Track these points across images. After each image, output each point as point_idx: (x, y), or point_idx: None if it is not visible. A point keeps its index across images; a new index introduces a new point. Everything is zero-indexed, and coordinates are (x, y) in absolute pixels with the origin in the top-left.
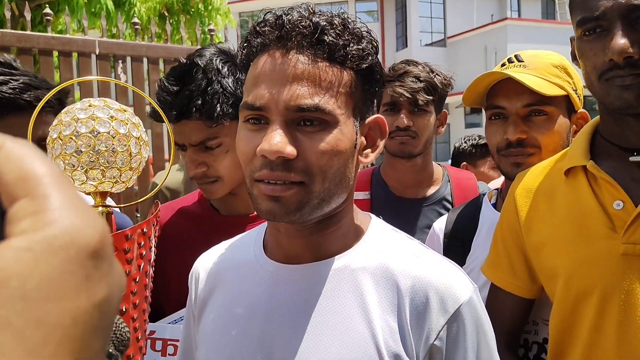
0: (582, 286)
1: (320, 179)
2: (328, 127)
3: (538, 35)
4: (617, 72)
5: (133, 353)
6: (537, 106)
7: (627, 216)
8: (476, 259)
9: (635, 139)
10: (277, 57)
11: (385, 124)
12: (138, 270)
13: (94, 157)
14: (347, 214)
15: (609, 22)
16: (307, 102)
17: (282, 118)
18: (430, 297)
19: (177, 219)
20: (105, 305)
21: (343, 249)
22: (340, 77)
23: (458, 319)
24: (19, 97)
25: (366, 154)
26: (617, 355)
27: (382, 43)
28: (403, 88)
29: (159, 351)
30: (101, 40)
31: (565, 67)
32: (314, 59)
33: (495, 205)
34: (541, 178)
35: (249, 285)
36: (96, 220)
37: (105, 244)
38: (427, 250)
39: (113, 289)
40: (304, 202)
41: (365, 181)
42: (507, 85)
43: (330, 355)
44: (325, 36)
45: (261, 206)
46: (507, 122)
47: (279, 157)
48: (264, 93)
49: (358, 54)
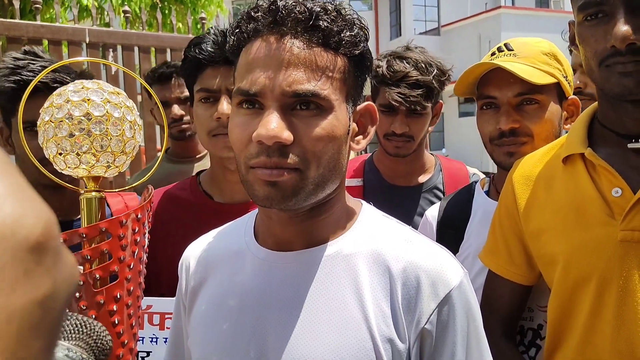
0: (581, 272)
1: (316, 165)
2: (324, 112)
3: (532, 24)
4: (619, 58)
5: (127, 340)
6: (528, 95)
7: (625, 203)
8: (470, 246)
9: (633, 126)
10: (272, 43)
11: (376, 111)
12: (132, 256)
13: (87, 141)
14: (339, 201)
15: (612, 7)
16: (303, 87)
17: (278, 103)
18: (421, 281)
19: (169, 205)
20: (49, 302)
21: (335, 235)
22: (334, 63)
23: (449, 303)
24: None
25: (357, 140)
26: (614, 340)
27: (376, 31)
28: (402, 97)
29: (156, 325)
30: (91, 28)
31: (555, 54)
32: (309, 44)
33: (488, 192)
34: (539, 165)
35: (241, 273)
36: (41, 210)
37: (50, 237)
38: (418, 235)
39: (59, 284)
40: (299, 187)
41: (359, 168)
42: (498, 75)
43: (324, 341)
44: (320, 22)
45: (258, 192)
46: (500, 112)
47: (276, 143)
48: (259, 78)
49: (351, 40)
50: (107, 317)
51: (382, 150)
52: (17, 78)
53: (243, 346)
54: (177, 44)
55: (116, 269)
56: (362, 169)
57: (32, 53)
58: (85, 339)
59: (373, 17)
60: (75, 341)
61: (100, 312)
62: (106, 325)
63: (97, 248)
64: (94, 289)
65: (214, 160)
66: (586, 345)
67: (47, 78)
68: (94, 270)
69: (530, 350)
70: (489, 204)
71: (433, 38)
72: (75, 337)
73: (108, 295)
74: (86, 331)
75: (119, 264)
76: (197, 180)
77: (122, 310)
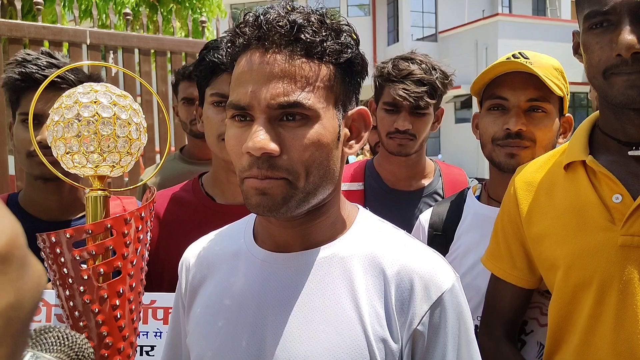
0: (581, 277)
1: (305, 174)
2: (309, 121)
3: (529, 31)
4: (624, 68)
5: (128, 334)
6: (539, 102)
7: (625, 209)
8: (459, 247)
9: (635, 133)
10: (257, 57)
11: (369, 115)
12: (135, 253)
13: (95, 140)
14: (334, 205)
15: (618, 16)
16: (286, 99)
17: (265, 115)
18: (414, 284)
19: (171, 206)
20: (12, 311)
21: (332, 238)
22: (318, 72)
23: (440, 306)
24: (38, 73)
25: (350, 145)
26: (614, 342)
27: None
28: (406, 92)
29: (160, 319)
30: (92, 30)
31: (562, 72)
32: (292, 56)
33: (479, 198)
34: (541, 172)
35: (240, 274)
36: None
37: (13, 247)
38: (413, 240)
39: (24, 293)
40: (289, 196)
41: (360, 173)
42: (513, 78)
43: (320, 339)
44: (302, 34)
45: (250, 200)
46: (509, 114)
47: (264, 154)
48: (247, 92)
49: (337, 48)
50: (110, 311)
51: (384, 153)
52: (22, 70)
53: (241, 345)
54: (177, 47)
55: (119, 265)
56: (363, 173)
57: (47, 53)
58: (67, 352)
59: (370, 23)
60: (57, 353)
61: (103, 306)
62: (108, 319)
63: (102, 244)
64: (98, 283)
65: (217, 162)
66: (586, 348)
67: (49, 73)
68: (99, 266)
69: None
70: (480, 208)
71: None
72: (58, 349)
73: (111, 290)
74: (68, 344)
75: (123, 260)
76: (200, 182)
77: (124, 305)
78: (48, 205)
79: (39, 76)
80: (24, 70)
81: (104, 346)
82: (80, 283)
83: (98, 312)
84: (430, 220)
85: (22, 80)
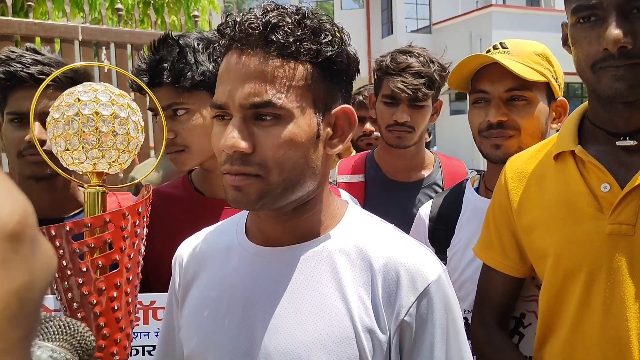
0: (571, 265)
1: (277, 171)
2: (282, 121)
3: (522, 22)
4: (611, 62)
5: (125, 326)
6: (518, 91)
7: (613, 198)
8: (460, 240)
9: (623, 125)
10: (235, 57)
11: (354, 113)
12: (132, 247)
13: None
14: (321, 201)
15: (605, 11)
16: (258, 99)
17: (240, 115)
18: (401, 276)
19: (162, 203)
20: (26, 291)
21: (321, 233)
22: (293, 72)
23: (427, 297)
24: (23, 70)
25: (333, 144)
26: (602, 328)
27: (368, 30)
28: (404, 84)
29: (161, 320)
30: (84, 26)
31: (547, 56)
32: (266, 56)
33: (478, 189)
34: (532, 163)
35: (232, 267)
36: (18, 200)
37: (26, 225)
38: (400, 233)
39: (36, 273)
40: (263, 192)
41: (360, 165)
42: (491, 71)
43: (309, 331)
44: (274, 35)
45: (228, 195)
46: (489, 105)
47: (236, 152)
48: (225, 92)
49: (313, 47)
50: (108, 302)
51: (383, 145)
52: (6, 68)
53: (233, 337)
54: None
55: (117, 258)
56: (363, 165)
57: (32, 49)
58: (69, 340)
59: (364, 15)
60: (59, 342)
61: (101, 298)
62: (106, 310)
63: (100, 237)
64: (96, 276)
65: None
66: (575, 334)
67: (34, 70)
68: (97, 258)
69: (513, 337)
70: (478, 200)
71: (424, 36)
72: (60, 338)
73: (109, 282)
74: (70, 332)
75: (120, 254)
76: (189, 178)
77: (121, 297)
78: (41, 204)
79: (23, 74)
80: (8, 69)
81: (101, 337)
82: (78, 275)
83: (96, 303)
84: (430, 213)
85: (7, 79)
